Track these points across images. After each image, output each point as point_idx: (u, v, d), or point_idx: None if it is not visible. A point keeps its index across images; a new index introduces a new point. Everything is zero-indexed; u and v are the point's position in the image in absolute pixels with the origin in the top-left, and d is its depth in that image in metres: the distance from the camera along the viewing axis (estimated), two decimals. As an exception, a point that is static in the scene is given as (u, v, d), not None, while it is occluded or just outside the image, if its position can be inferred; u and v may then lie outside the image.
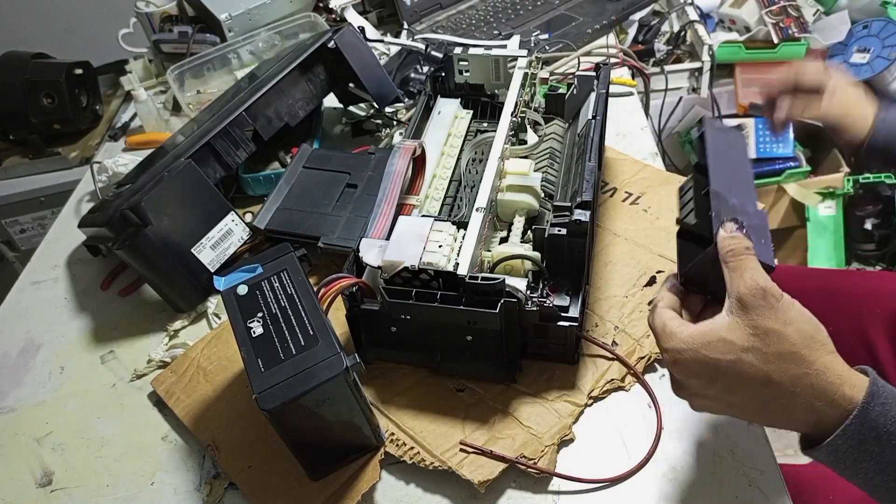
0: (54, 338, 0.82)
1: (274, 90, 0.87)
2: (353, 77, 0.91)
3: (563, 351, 0.65)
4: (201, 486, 0.65)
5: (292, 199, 0.83)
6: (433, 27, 1.24)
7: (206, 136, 0.81)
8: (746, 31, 1.56)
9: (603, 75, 0.78)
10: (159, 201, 0.75)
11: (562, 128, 0.81)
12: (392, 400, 0.66)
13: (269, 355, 0.54)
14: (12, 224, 1.36)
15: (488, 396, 0.65)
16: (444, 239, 0.62)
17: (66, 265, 0.93)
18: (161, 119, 1.14)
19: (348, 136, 1.05)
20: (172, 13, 1.26)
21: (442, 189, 0.75)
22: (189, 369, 0.73)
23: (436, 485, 0.61)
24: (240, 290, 0.60)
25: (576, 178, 0.68)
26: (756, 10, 1.54)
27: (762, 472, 0.58)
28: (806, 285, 0.83)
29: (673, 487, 0.58)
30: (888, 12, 1.53)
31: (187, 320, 0.80)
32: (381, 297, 0.61)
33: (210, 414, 0.68)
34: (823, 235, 1.57)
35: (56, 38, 1.98)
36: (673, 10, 1.53)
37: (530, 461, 0.59)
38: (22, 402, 0.76)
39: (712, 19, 1.60)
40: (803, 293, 0.49)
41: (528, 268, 0.64)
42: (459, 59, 0.85)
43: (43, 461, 0.69)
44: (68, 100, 1.22)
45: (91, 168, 1.01)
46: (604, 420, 0.63)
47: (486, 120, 0.86)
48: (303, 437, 0.57)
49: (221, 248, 0.80)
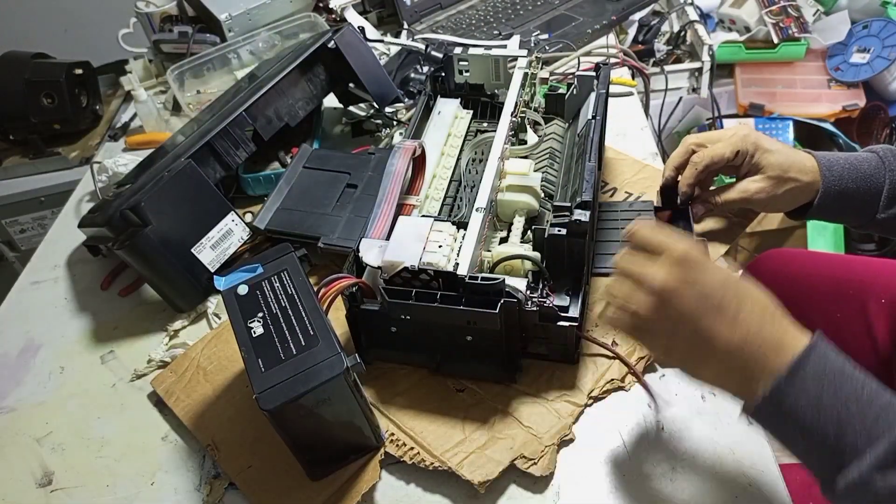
0: (54, 338, 0.82)
1: (274, 90, 0.87)
2: (353, 77, 0.91)
3: (563, 351, 0.65)
4: (201, 486, 0.65)
5: (292, 199, 0.83)
6: (433, 27, 1.24)
7: (206, 136, 0.81)
8: (746, 31, 1.56)
9: (603, 75, 0.78)
10: (159, 201, 0.75)
11: (562, 128, 0.81)
12: (392, 400, 0.66)
13: (270, 355, 0.54)
14: (12, 224, 1.35)
15: (488, 396, 0.65)
16: (444, 239, 0.62)
17: (66, 265, 0.93)
18: (161, 119, 1.14)
19: (348, 136, 1.05)
20: (172, 13, 1.26)
21: (442, 189, 0.75)
22: (189, 369, 0.73)
23: (436, 485, 0.61)
24: (240, 290, 0.60)
25: (576, 178, 0.69)
26: (756, 10, 1.54)
27: (762, 472, 0.58)
28: (811, 270, 0.83)
29: (673, 487, 0.58)
30: (888, 12, 1.53)
31: (187, 320, 0.80)
32: (381, 298, 0.61)
33: (210, 414, 0.68)
34: (823, 235, 1.57)
35: (56, 38, 1.98)
36: (673, 10, 1.53)
37: (530, 461, 0.59)
38: (22, 402, 0.76)
39: (712, 19, 1.60)
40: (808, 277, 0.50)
41: (528, 268, 0.64)
42: (459, 59, 0.85)
43: (43, 461, 0.69)
44: (68, 100, 1.22)
45: (91, 168, 1.01)
46: (604, 420, 0.63)
47: (486, 120, 0.86)
48: (303, 437, 0.57)
49: (221, 248, 0.80)
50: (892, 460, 0.42)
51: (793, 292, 0.78)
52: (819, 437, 0.44)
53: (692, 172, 0.70)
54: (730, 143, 0.68)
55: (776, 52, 1.55)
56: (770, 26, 1.53)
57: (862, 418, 0.43)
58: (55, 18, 2.00)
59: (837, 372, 0.45)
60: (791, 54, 1.56)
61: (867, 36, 1.53)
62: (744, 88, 1.60)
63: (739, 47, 1.55)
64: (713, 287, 0.47)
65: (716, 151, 0.68)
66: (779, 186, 0.67)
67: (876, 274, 0.78)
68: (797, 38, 1.53)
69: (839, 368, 0.45)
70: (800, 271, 0.82)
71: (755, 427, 0.60)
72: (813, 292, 0.79)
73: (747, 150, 0.67)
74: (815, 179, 0.67)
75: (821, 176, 0.67)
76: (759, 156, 0.67)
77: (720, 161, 0.68)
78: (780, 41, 1.53)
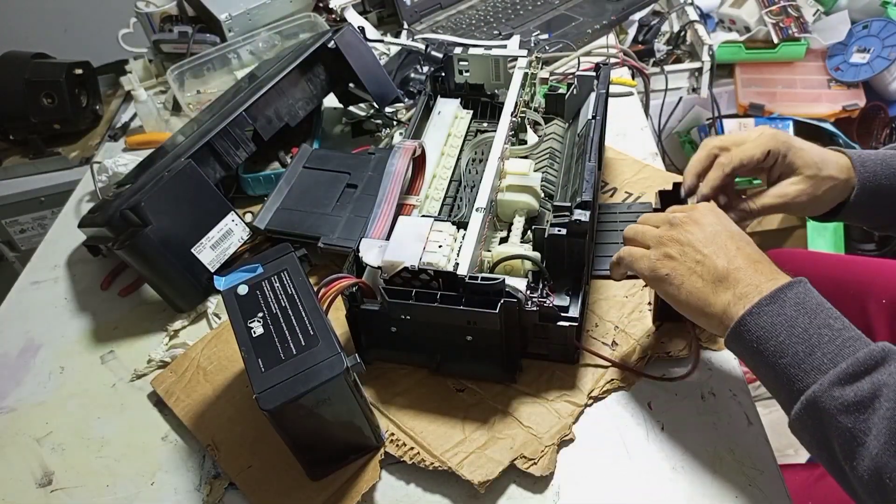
0: (54, 338, 0.82)
1: (274, 90, 0.87)
2: (353, 77, 0.91)
3: (563, 351, 0.65)
4: (201, 486, 0.65)
5: (292, 199, 0.83)
6: (433, 27, 1.24)
7: (206, 136, 0.81)
8: (746, 31, 1.56)
9: (603, 75, 0.78)
10: (159, 201, 0.75)
11: (562, 128, 0.81)
12: (392, 400, 0.66)
13: (270, 355, 0.54)
14: (12, 224, 1.36)
15: (488, 396, 0.65)
16: (444, 239, 0.62)
17: (66, 265, 0.93)
18: (161, 119, 1.14)
19: (348, 136, 1.05)
20: (172, 13, 1.26)
21: (442, 189, 0.75)
22: (189, 369, 0.73)
23: (436, 485, 0.61)
24: (240, 290, 0.60)
25: (576, 178, 0.69)
26: (756, 10, 1.54)
27: (762, 472, 0.58)
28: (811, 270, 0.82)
29: (673, 487, 0.58)
30: (888, 12, 1.53)
31: (187, 320, 0.80)
32: (381, 298, 0.61)
33: (210, 414, 0.68)
34: (823, 235, 1.57)
35: (56, 38, 1.98)
36: (673, 10, 1.53)
37: (530, 461, 0.59)
38: (22, 402, 0.76)
39: (712, 19, 1.61)
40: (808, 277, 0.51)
41: (528, 268, 0.64)
42: (459, 59, 0.85)
43: (43, 461, 0.69)
44: (68, 100, 1.22)
45: (91, 168, 1.01)
46: (604, 420, 0.63)
47: (486, 120, 0.86)
48: (303, 437, 0.57)
49: (221, 248, 0.80)
50: (849, 376, 0.45)
51: None
52: (789, 357, 0.47)
53: (718, 175, 0.63)
54: (759, 143, 0.62)
55: (776, 52, 1.55)
56: (770, 26, 1.53)
57: (831, 342, 0.47)
58: (55, 18, 2.00)
59: (816, 304, 0.49)
60: (791, 54, 1.56)
61: (867, 36, 1.53)
62: (744, 88, 1.60)
63: (739, 47, 1.55)
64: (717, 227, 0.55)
65: (745, 153, 0.62)
66: (818, 186, 0.62)
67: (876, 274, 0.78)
68: (797, 38, 1.53)
69: (818, 302, 0.49)
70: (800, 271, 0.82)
71: (755, 427, 0.61)
72: None
73: (779, 150, 0.62)
74: (850, 177, 0.63)
75: (855, 172, 0.63)
76: (793, 155, 0.62)
77: (750, 163, 0.63)
78: (780, 41, 1.53)
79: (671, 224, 0.57)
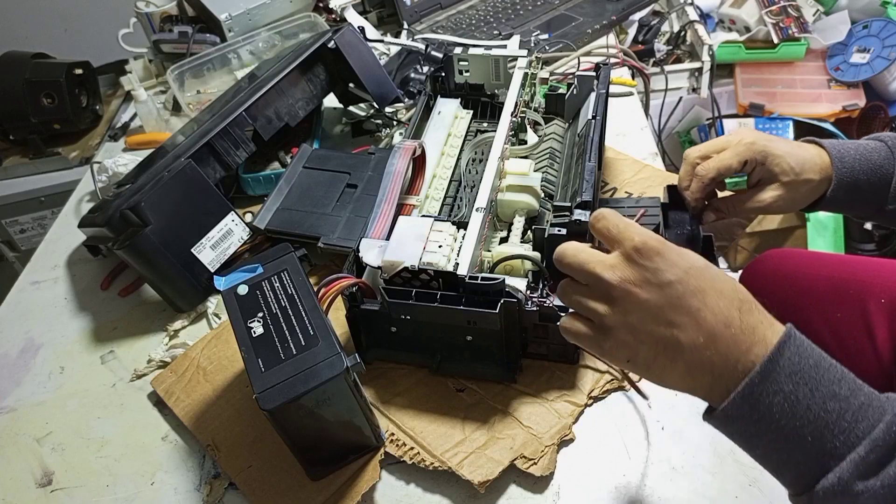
0: (54, 338, 0.82)
1: (274, 90, 0.87)
2: (353, 77, 0.91)
3: (563, 351, 0.65)
4: (201, 486, 0.65)
5: (292, 199, 0.83)
6: (433, 27, 1.24)
7: (206, 136, 0.81)
8: (746, 31, 1.56)
9: (603, 75, 0.78)
10: (159, 201, 0.75)
11: (562, 128, 0.81)
12: (392, 400, 0.66)
13: (270, 355, 0.54)
14: (12, 224, 1.36)
15: (488, 396, 0.65)
16: (444, 239, 0.62)
17: (66, 265, 0.93)
18: (161, 119, 1.14)
19: (348, 136, 1.05)
20: (172, 13, 1.26)
21: (442, 189, 0.75)
22: (189, 369, 0.73)
23: (436, 485, 0.61)
24: (240, 290, 0.60)
25: (576, 178, 0.69)
26: (756, 10, 1.54)
27: (762, 472, 0.58)
28: (810, 270, 0.83)
29: (673, 487, 0.58)
30: (888, 12, 1.53)
31: (187, 320, 0.80)
32: (381, 297, 0.61)
33: (210, 414, 0.68)
34: (823, 235, 1.57)
35: (56, 38, 1.98)
36: (673, 10, 1.53)
37: (530, 461, 0.59)
38: (22, 402, 0.76)
39: (712, 19, 1.60)
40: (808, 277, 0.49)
41: (528, 268, 0.64)
42: (459, 59, 0.85)
43: (43, 461, 0.69)
44: (68, 100, 1.22)
45: (91, 168, 1.01)
46: (604, 420, 0.63)
47: (486, 120, 0.86)
48: (303, 437, 0.57)
49: (221, 248, 0.80)
50: (873, 464, 0.39)
51: (793, 292, 0.78)
52: (795, 441, 0.41)
53: (699, 186, 0.66)
54: (736, 152, 0.64)
55: (776, 52, 1.55)
56: (770, 26, 1.53)
57: (840, 419, 0.40)
58: (55, 18, 2.00)
59: (813, 367, 0.41)
60: (791, 54, 1.56)
61: (867, 36, 1.53)
62: (744, 88, 1.60)
63: (739, 47, 1.55)
64: (672, 280, 0.42)
65: (722, 163, 0.64)
66: (795, 190, 0.65)
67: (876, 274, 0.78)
68: (797, 38, 1.53)
69: (815, 363, 0.42)
70: (800, 271, 0.81)
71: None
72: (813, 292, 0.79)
73: (755, 160, 0.64)
74: (828, 174, 0.65)
75: (833, 168, 0.65)
76: (770, 163, 0.64)
77: (727, 172, 0.65)
78: (780, 41, 1.53)
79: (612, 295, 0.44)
